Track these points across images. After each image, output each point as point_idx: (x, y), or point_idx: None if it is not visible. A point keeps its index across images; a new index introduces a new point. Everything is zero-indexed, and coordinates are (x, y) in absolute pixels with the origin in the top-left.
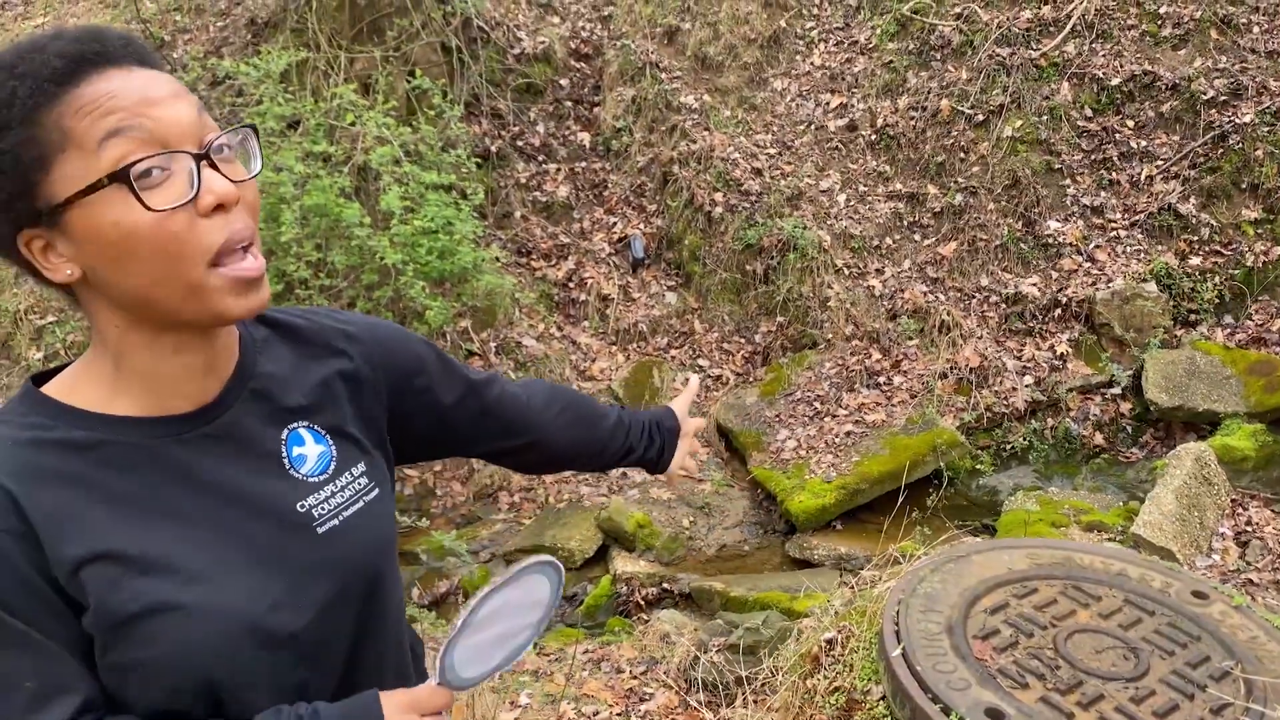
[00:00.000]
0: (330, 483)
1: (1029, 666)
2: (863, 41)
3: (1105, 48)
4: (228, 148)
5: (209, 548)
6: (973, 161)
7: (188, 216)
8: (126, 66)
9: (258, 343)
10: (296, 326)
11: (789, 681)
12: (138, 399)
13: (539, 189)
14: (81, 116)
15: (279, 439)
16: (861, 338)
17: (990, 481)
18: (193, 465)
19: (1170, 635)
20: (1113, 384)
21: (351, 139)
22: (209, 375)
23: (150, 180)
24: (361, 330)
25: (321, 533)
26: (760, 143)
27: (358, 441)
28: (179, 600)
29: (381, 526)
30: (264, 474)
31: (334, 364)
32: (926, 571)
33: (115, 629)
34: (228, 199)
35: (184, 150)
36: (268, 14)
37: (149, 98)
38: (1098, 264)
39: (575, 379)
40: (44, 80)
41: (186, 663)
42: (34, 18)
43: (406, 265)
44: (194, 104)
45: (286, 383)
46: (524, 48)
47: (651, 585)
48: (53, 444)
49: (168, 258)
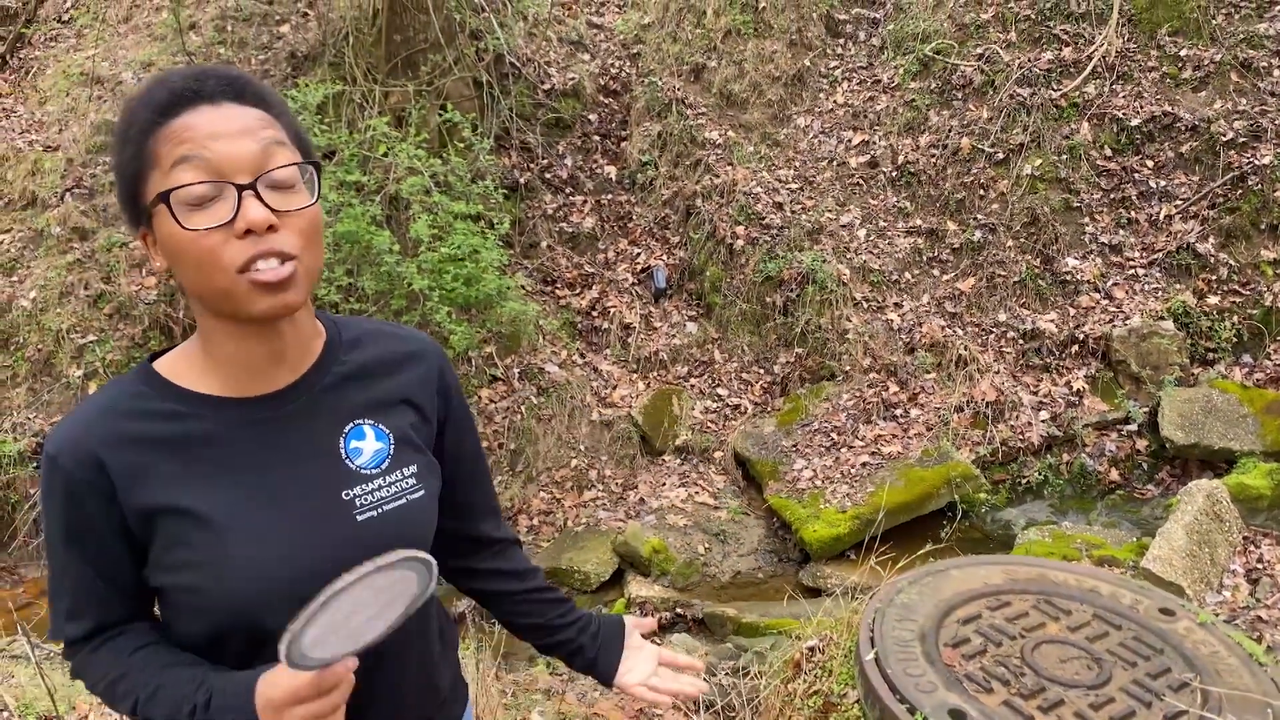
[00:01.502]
0: (380, 478)
1: (995, 673)
2: (885, 80)
3: (1125, 89)
4: (288, 180)
5: (260, 515)
6: (992, 199)
7: (224, 235)
8: (219, 103)
9: (346, 342)
10: (377, 333)
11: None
12: (220, 379)
13: (565, 220)
14: (165, 143)
15: (341, 431)
16: (879, 370)
17: (1005, 515)
18: (259, 443)
19: (1134, 648)
20: (1129, 421)
21: (384, 169)
22: (279, 365)
23: (204, 202)
24: (428, 349)
25: (360, 520)
26: (782, 178)
27: (416, 445)
28: (227, 558)
29: (417, 524)
30: (320, 460)
31: (408, 373)
32: (905, 584)
33: (175, 569)
34: (257, 226)
35: (230, 181)
36: (307, 48)
37: (216, 132)
38: (1115, 301)
39: (596, 405)
40: (152, 110)
41: (226, 609)
42: (85, 49)
43: (433, 291)
44: (263, 140)
45: (363, 381)
46: (554, 83)
47: (665, 610)
48: (149, 413)
49: (202, 266)
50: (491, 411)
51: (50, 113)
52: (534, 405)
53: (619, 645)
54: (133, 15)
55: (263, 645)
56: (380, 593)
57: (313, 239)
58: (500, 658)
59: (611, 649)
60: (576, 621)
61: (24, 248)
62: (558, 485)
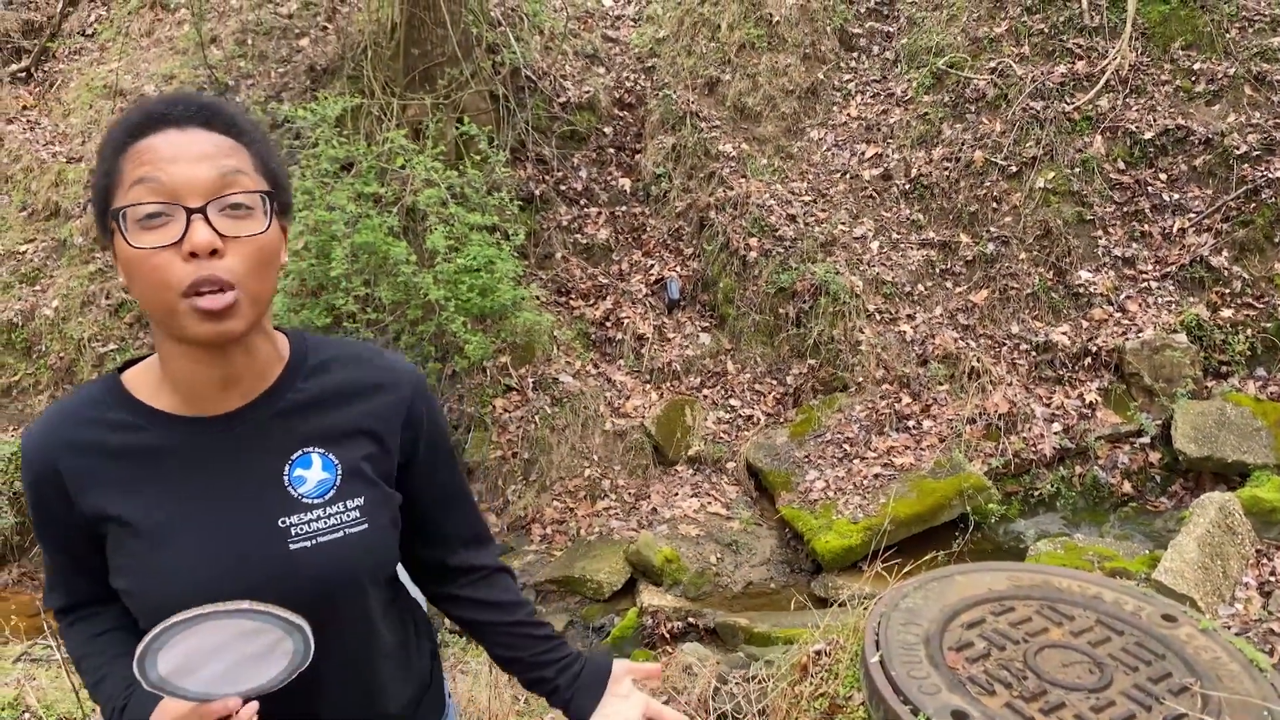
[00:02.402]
0: (321, 508)
1: (998, 676)
2: (899, 94)
3: (1139, 102)
4: (245, 206)
5: (192, 532)
6: (1005, 211)
7: (170, 255)
8: (185, 128)
9: (309, 368)
10: (348, 361)
11: (779, 688)
12: (174, 397)
13: (580, 231)
14: (130, 162)
15: (288, 458)
16: (892, 382)
17: (1017, 527)
18: (204, 464)
19: (1136, 653)
20: (1141, 433)
21: (401, 181)
22: (231, 388)
23: (155, 222)
24: (401, 381)
25: (293, 549)
26: (795, 190)
27: (368, 478)
28: (158, 568)
29: (351, 559)
30: (262, 485)
31: (371, 403)
32: (910, 589)
33: (115, 572)
34: (200, 249)
35: (181, 203)
36: (326, 62)
37: (176, 155)
38: (1128, 314)
39: (609, 415)
40: (125, 131)
41: (154, 613)
42: (108, 62)
43: (449, 301)
44: (222, 167)
45: (318, 409)
46: (570, 96)
47: (677, 619)
48: (104, 422)
49: (148, 284)
50: (506, 421)
51: (74, 125)
52: (548, 415)
53: (599, 689)
54: (155, 29)
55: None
56: (248, 640)
57: (259, 266)
58: None
59: (589, 693)
60: (558, 661)
61: (47, 257)
62: (571, 494)
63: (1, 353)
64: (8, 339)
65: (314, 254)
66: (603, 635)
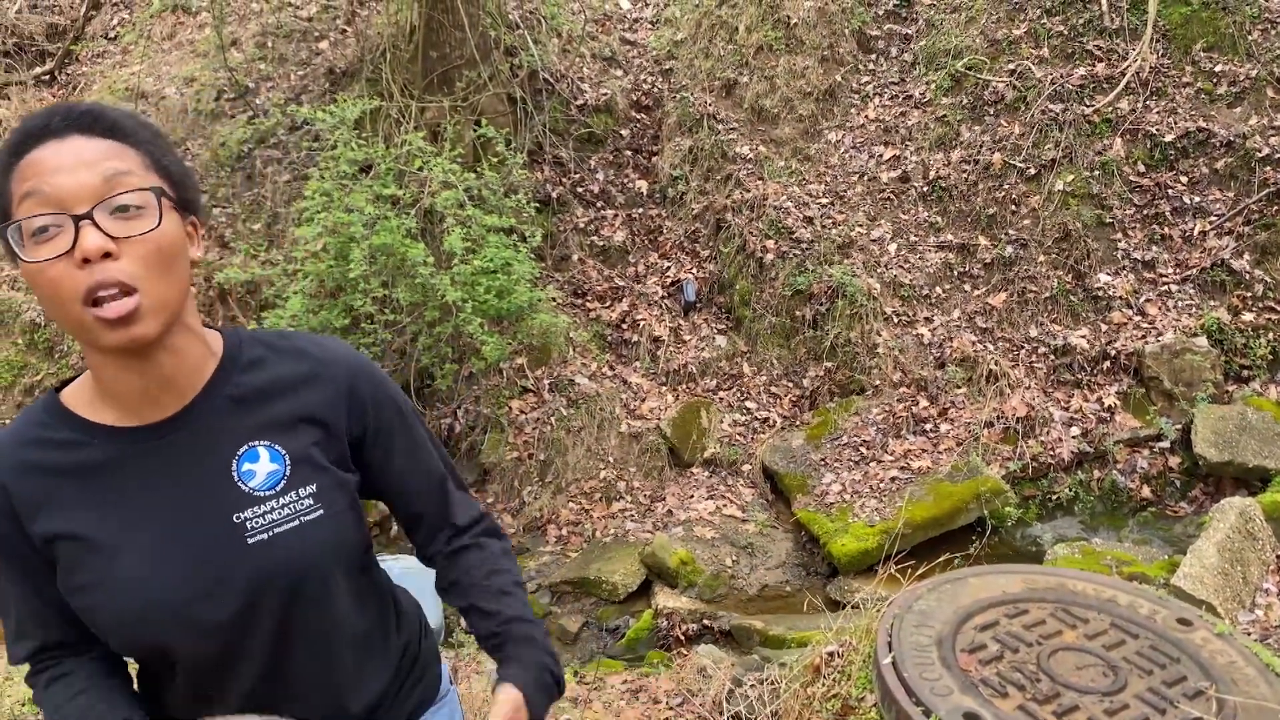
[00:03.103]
0: (274, 499)
1: (1011, 678)
2: (917, 96)
3: (1159, 104)
4: (135, 206)
5: (148, 540)
6: (1024, 214)
7: (65, 266)
8: (65, 137)
9: (244, 363)
10: (284, 351)
11: (792, 689)
12: (111, 408)
13: (596, 233)
14: (15, 180)
15: (234, 454)
16: (909, 385)
17: (1034, 531)
18: (150, 469)
19: (1151, 656)
20: (1161, 438)
21: (419, 183)
22: (165, 392)
23: (46, 235)
24: (338, 364)
25: (250, 543)
26: (813, 192)
27: (318, 464)
28: (117, 580)
29: (312, 546)
30: (211, 484)
31: (310, 391)
32: (924, 591)
33: (71, 593)
34: (91, 254)
35: (65, 212)
36: (345, 64)
37: (57, 166)
38: (1148, 318)
39: (625, 417)
40: (7, 151)
41: (121, 630)
42: (131, 65)
43: (466, 303)
44: (105, 171)
45: (258, 402)
46: (587, 99)
47: (692, 621)
48: (48, 442)
49: (50, 298)
50: (522, 422)
51: None
52: (564, 417)
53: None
54: (176, 32)
55: (168, 664)
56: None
57: (158, 264)
58: None
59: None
60: (495, 617)
61: None
62: (586, 496)
63: (25, 353)
64: (30, 339)
65: (332, 255)
66: (618, 637)
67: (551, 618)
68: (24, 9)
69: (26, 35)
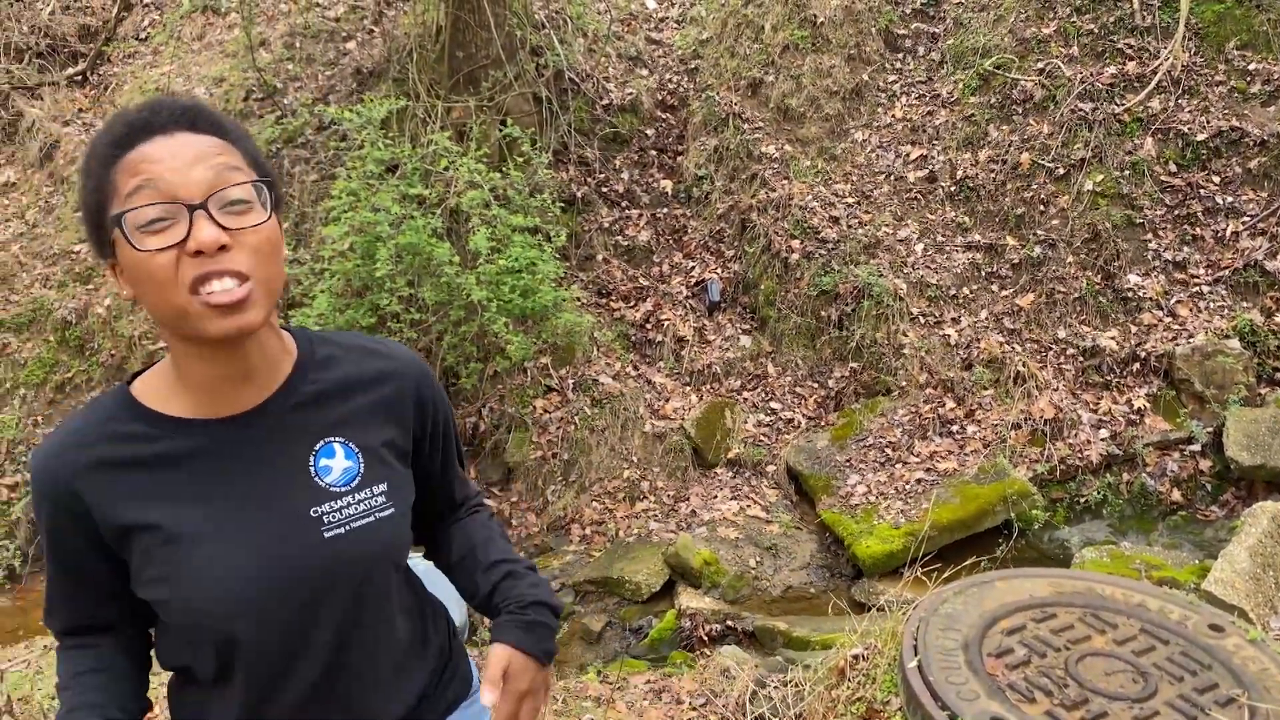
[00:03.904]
0: (349, 495)
1: (1038, 683)
2: (944, 95)
3: (1191, 103)
4: (244, 200)
5: (226, 532)
6: (1052, 214)
7: (177, 255)
8: (172, 133)
9: (318, 360)
10: (353, 350)
11: (816, 692)
12: (189, 401)
13: (621, 233)
14: (122, 173)
15: (311, 449)
16: (935, 386)
17: (1062, 534)
18: (227, 463)
19: (1181, 663)
20: (1192, 440)
21: (445, 183)
22: (246, 384)
23: (157, 226)
24: (408, 365)
25: (327, 537)
26: (839, 192)
27: (387, 463)
28: (192, 571)
29: (383, 542)
30: (290, 478)
31: (382, 390)
32: (950, 594)
33: (145, 585)
34: (207, 246)
35: (182, 203)
36: (372, 64)
37: (169, 160)
38: (1179, 319)
39: (649, 417)
40: (110, 144)
41: (194, 621)
42: (161, 66)
43: (491, 302)
44: (215, 165)
45: (333, 399)
46: (612, 99)
47: (716, 622)
48: (120, 436)
49: (157, 287)
50: (546, 422)
51: None
52: (587, 416)
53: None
54: (206, 33)
55: (232, 661)
56: None
57: (268, 256)
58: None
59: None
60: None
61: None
62: (610, 496)
63: (56, 350)
64: (62, 336)
65: (359, 255)
66: (641, 636)
67: (575, 617)
68: (57, 10)
69: (59, 36)
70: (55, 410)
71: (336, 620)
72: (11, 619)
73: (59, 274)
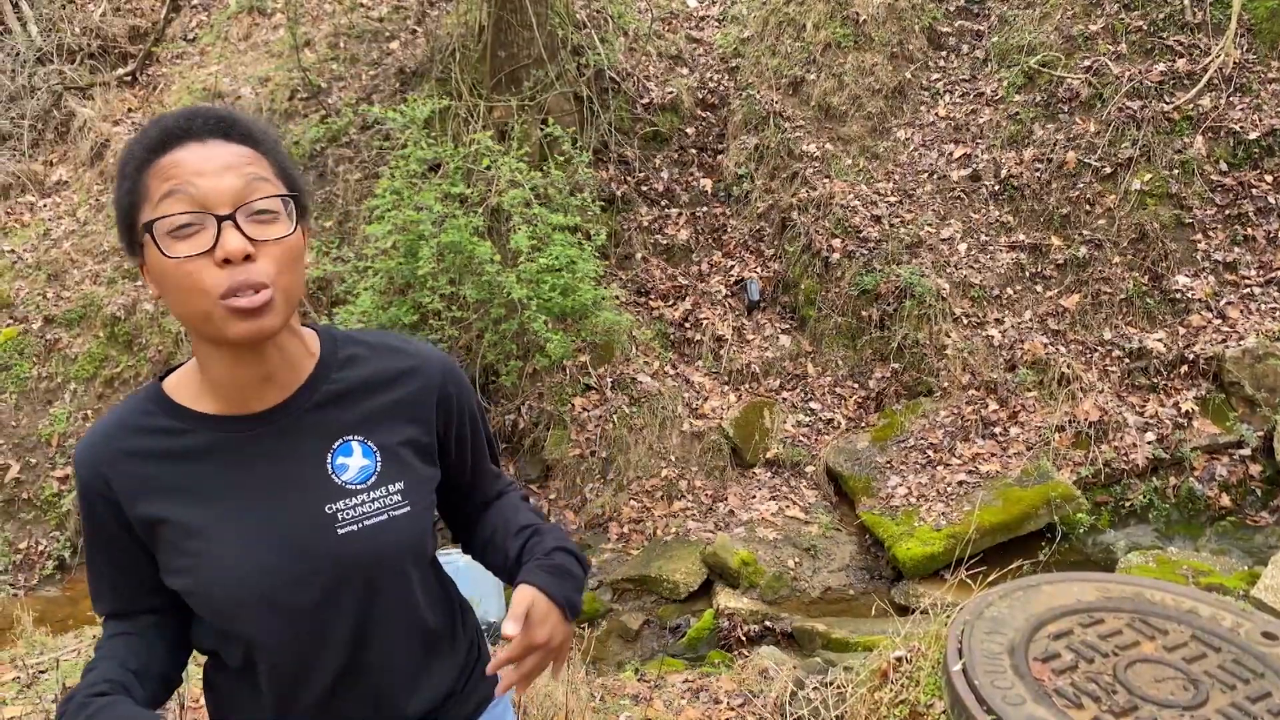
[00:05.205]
0: (365, 493)
1: (1086, 689)
2: (989, 93)
3: (1243, 101)
4: (270, 211)
5: (243, 526)
6: (1099, 214)
7: (203, 262)
8: (206, 141)
9: (341, 360)
10: (378, 349)
11: (858, 694)
12: (214, 399)
13: (660, 232)
14: (155, 178)
15: (329, 447)
16: (978, 387)
17: (1106, 538)
18: (249, 459)
19: (1234, 671)
20: (1242, 444)
21: (487, 182)
22: (268, 385)
23: (185, 232)
24: (432, 364)
25: (340, 534)
26: (881, 191)
27: (406, 461)
28: (213, 563)
29: (397, 539)
30: (307, 475)
31: (403, 389)
32: (995, 597)
33: (171, 575)
34: (234, 255)
35: (211, 212)
36: (415, 64)
37: (201, 167)
38: (1229, 321)
39: (687, 416)
40: (145, 148)
41: (215, 613)
42: (208, 66)
43: (531, 300)
44: (246, 175)
45: (353, 398)
46: (652, 97)
47: (754, 622)
48: (151, 429)
49: (183, 291)
50: (584, 420)
51: None
52: (626, 415)
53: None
54: (252, 33)
55: (254, 651)
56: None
57: (289, 266)
58: (589, 662)
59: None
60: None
61: None
62: (648, 494)
63: (106, 345)
64: (111, 332)
65: (402, 253)
66: (679, 636)
67: (613, 615)
68: (108, 12)
69: (110, 37)
70: (104, 404)
71: (354, 615)
72: (61, 609)
73: (109, 270)
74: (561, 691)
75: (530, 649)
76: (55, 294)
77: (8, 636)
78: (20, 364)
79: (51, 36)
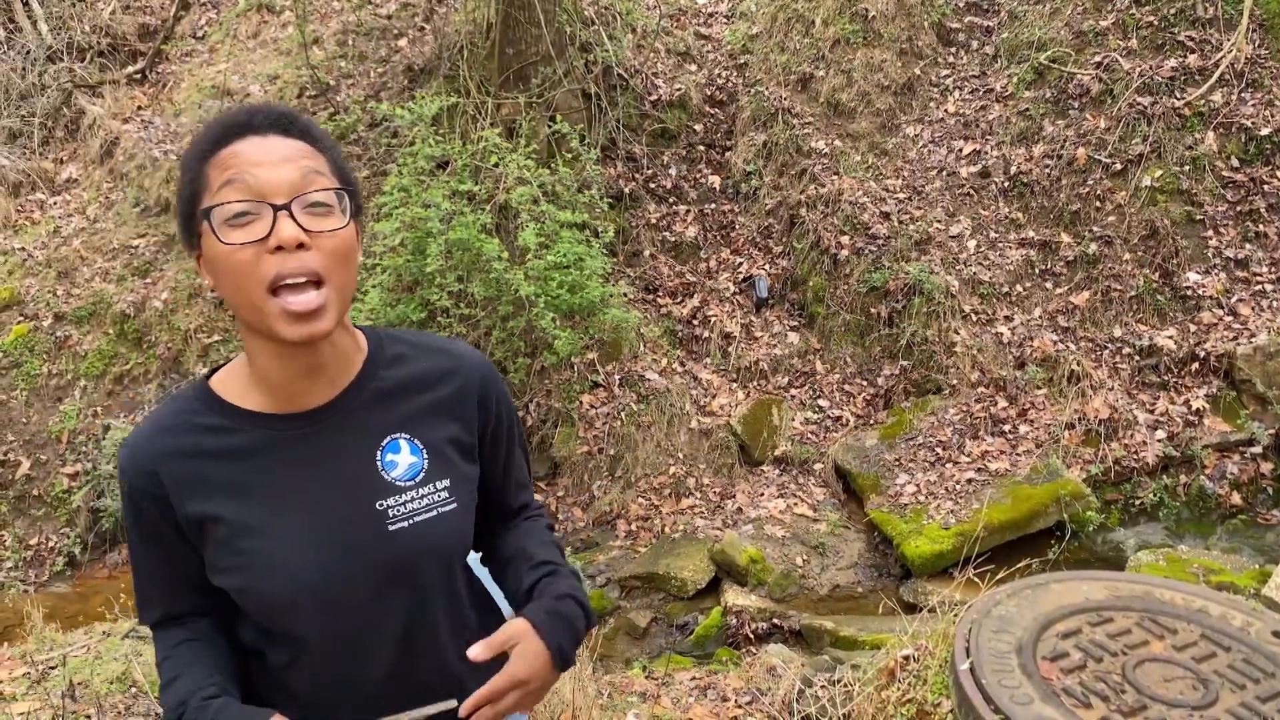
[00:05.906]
0: (414, 490)
1: (1094, 688)
2: (998, 89)
3: (1255, 97)
4: (325, 204)
5: (295, 523)
6: (1109, 211)
7: (258, 250)
8: (266, 135)
9: (388, 358)
10: (423, 349)
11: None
12: (264, 396)
13: (668, 229)
14: (215, 168)
15: (378, 444)
16: (987, 384)
17: (1116, 536)
18: (298, 456)
19: (1244, 670)
20: (1253, 442)
21: (494, 179)
22: (318, 380)
23: (242, 220)
24: (474, 365)
25: (391, 530)
26: (890, 187)
27: (450, 460)
28: (263, 561)
29: (445, 536)
30: (357, 472)
31: (447, 388)
32: (1003, 596)
33: (220, 573)
34: (287, 243)
35: (267, 201)
36: (423, 62)
37: (260, 159)
38: (1240, 318)
39: (695, 414)
40: (208, 140)
41: (267, 609)
42: (217, 64)
43: (539, 297)
44: (303, 168)
45: (401, 396)
46: (660, 94)
47: (762, 620)
48: (198, 427)
49: (237, 279)
50: (592, 417)
51: (184, 124)
52: (634, 412)
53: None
54: (261, 31)
55: (302, 648)
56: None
57: (343, 260)
58: (596, 659)
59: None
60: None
61: (158, 252)
62: (656, 492)
63: (115, 342)
64: (120, 330)
65: (410, 250)
66: (687, 633)
67: (620, 612)
68: (117, 10)
69: (120, 35)
70: (114, 401)
71: (404, 613)
72: (72, 605)
73: (118, 268)
74: (569, 688)
75: (512, 686)
76: (65, 291)
77: (18, 633)
78: (30, 361)
79: (61, 34)
